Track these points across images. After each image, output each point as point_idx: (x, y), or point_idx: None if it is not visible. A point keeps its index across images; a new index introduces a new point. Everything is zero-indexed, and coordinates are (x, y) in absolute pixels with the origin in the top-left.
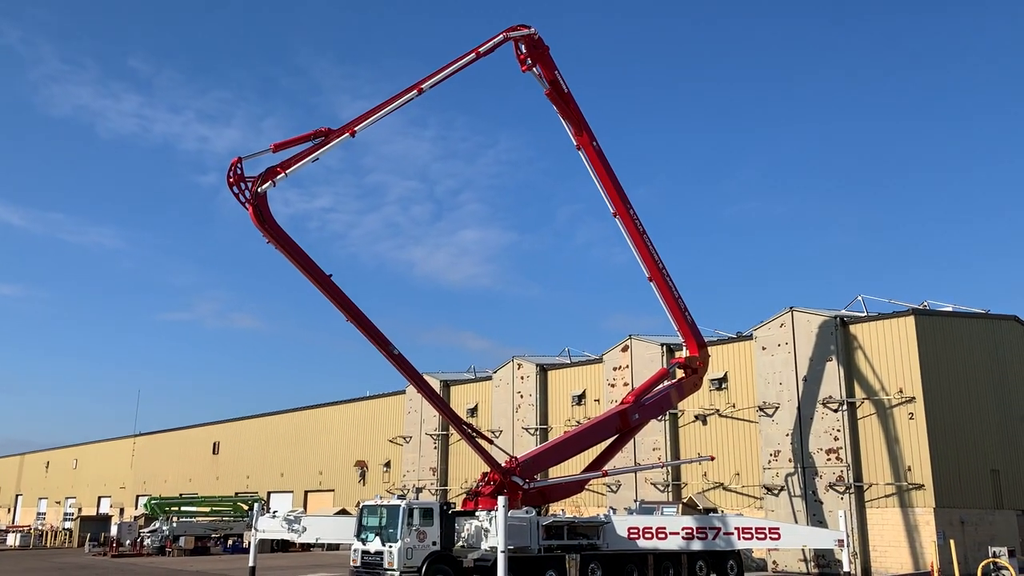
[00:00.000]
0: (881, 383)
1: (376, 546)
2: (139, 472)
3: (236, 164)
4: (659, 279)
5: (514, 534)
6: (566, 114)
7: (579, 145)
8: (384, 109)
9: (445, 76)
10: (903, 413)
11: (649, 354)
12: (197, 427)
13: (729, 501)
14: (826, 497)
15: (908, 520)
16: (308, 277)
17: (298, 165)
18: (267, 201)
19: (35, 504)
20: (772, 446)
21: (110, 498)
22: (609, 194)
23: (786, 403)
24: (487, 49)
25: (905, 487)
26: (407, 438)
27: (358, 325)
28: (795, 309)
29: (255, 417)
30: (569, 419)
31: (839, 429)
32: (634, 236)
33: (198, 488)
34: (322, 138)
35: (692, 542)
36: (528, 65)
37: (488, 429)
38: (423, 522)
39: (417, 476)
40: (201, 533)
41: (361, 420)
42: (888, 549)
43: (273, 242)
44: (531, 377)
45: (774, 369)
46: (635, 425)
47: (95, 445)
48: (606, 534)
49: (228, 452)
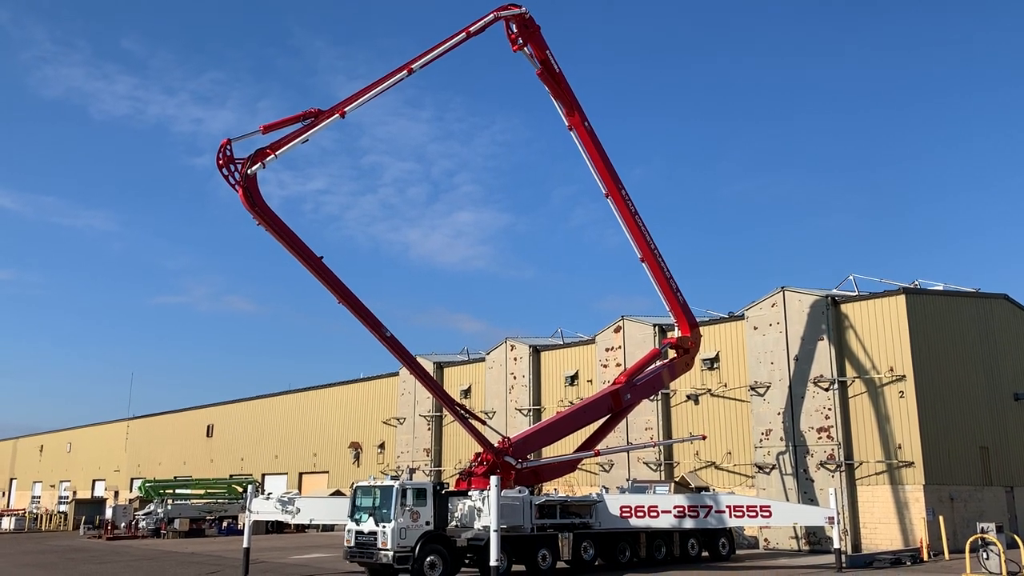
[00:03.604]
0: (872, 362)
1: (370, 526)
2: (133, 455)
3: (225, 146)
4: (651, 260)
5: (507, 513)
6: (557, 94)
7: (571, 125)
8: (374, 90)
9: (435, 56)
10: (893, 392)
11: (642, 335)
12: (191, 410)
13: (721, 480)
14: (817, 475)
15: (898, 497)
16: (299, 259)
17: (288, 146)
18: (257, 183)
19: (30, 488)
20: (763, 425)
21: (104, 481)
22: (601, 174)
23: (777, 382)
24: (477, 29)
25: (895, 465)
26: (401, 419)
27: (350, 307)
28: (786, 289)
29: (249, 400)
30: (562, 400)
31: (830, 408)
32: (626, 217)
33: (192, 471)
34: (312, 119)
35: (684, 520)
36: (519, 45)
37: (481, 410)
38: (416, 502)
39: (411, 457)
40: (196, 515)
41: (355, 402)
42: (878, 526)
43: (263, 224)
44: (524, 358)
45: (765, 349)
46: (627, 405)
47: (89, 428)
48: (598, 513)
49: (222, 435)
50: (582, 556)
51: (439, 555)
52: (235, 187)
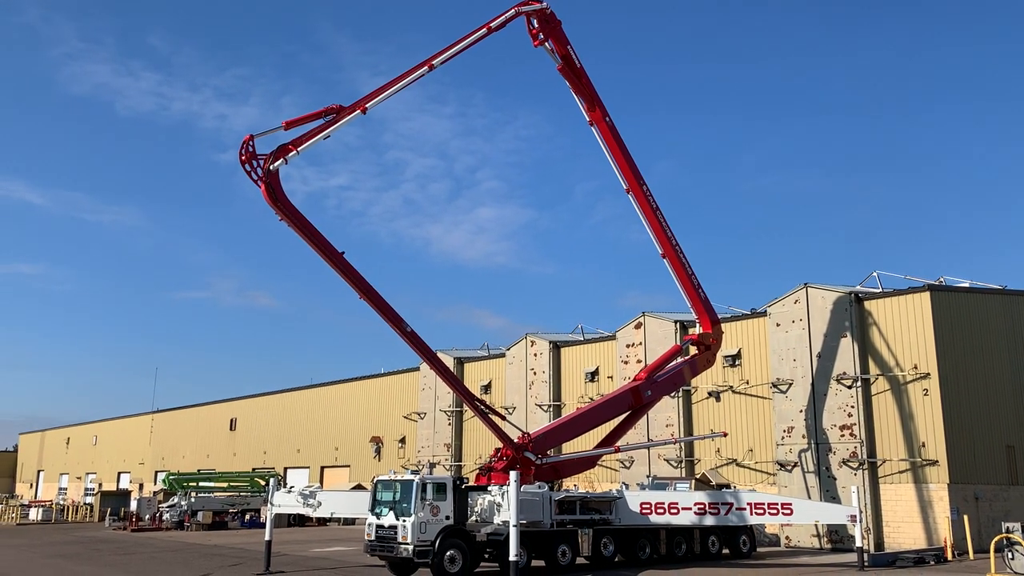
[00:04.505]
0: (896, 359)
1: (390, 520)
2: (158, 448)
3: (248, 142)
4: (672, 256)
5: (527, 509)
6: (578, 89)
7: (591, 120)
8: (395, 86)
9: (456, 52)
10: (918, 389)
11: (663, 331)
12: (215, 404)
13: (742, 477)
14: (839, 473)
15: (922, 496)
16: (320, 254)
17: (310, 142)
18: (279, 179)
19: (56, 479)
20: (785, 422)
21: (129, 474)
22: (622, 170)
23: (800, 379)
24: (499, 24)
25: (919, 463)
26: (421, 414)
27: (371, 302)
28: (809, 285)
29: (272, 394)
30: (582, 396)
31: (853, 405)
32: (647, 212)
33: (216, 464)
34: (333, 115)
35: (704, 517)
36: (540, 40)
37: (501, 406)
38: (436, 497)
39: (431, 452)
40: (219, 508)
41: (376, 397)
42: (901, 525)
43: (285, 219)
44: (544, 354)
45: (788, 346)
46: (647, 402)
47: (114, 422)
48: (618, 509)
49: (245, 428)
50: (602, 552)
51: (459, 549)
52: (257, 183)
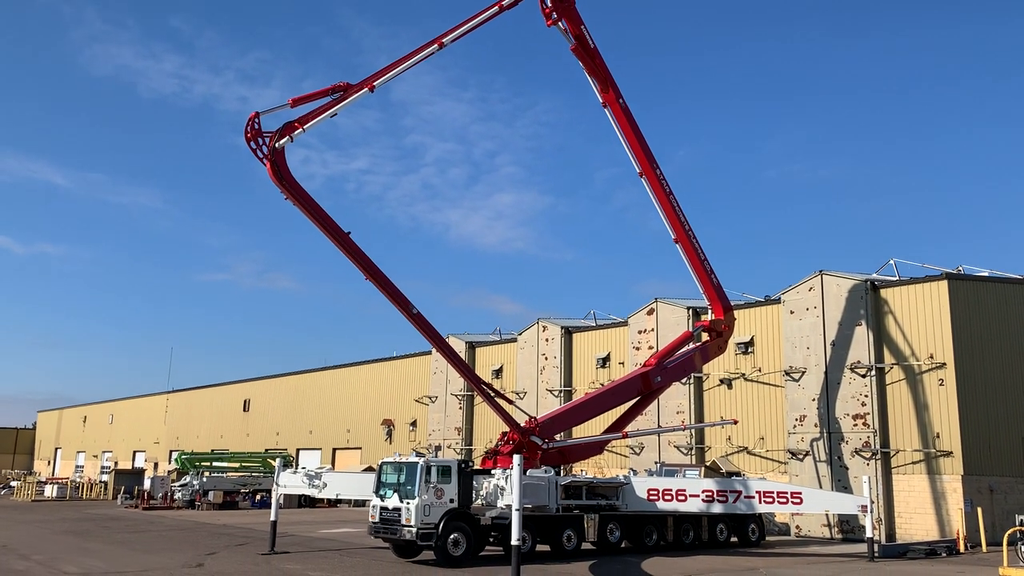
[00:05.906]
0: (911, 348)
1: (394, 503)
2: (172, 428)
3: (254, 119)
4: (685, 241)
5: (532, 493)
6: (592, 70)
7: (605, 102)
8: (404, 64)
9: (468, 30)
10: (933, 379)
11: (675, 317)
12: (229, 384)
13: (753, 465)
14: (852, 463)
15: (935, 487)
16: (326, 234)
17: (316, 120)
18: (284, 156)
19: (74, 457)
20: (798, 411)
21: (144, 453)
22: (635, 152)
23: (813, 368)
24: (510, 2)
25: (933, 454)
26: (433, 398)
27: (376, 283)
28: (825, 273)
29: (285, 375)
30: (593, 381)
31: (867, 395)
32: (660, 196)
33: (229, 444)
34: (341, 93)
35: (712, 505)
36: (553, 19)
37: (512, 390)
38: (441, 480)
39: (442, 435)
40: (230, 488)
41: (388, 380)
42: (913, 516)
43: (291, 198)
44: (556, 339)
45: (802, 333)
46: (657, 388)
47: (131, 401)
48: (625, 495)
49: (259, 410)
50: (608, 538)
51: (463, 533)
52: (263, 160)
